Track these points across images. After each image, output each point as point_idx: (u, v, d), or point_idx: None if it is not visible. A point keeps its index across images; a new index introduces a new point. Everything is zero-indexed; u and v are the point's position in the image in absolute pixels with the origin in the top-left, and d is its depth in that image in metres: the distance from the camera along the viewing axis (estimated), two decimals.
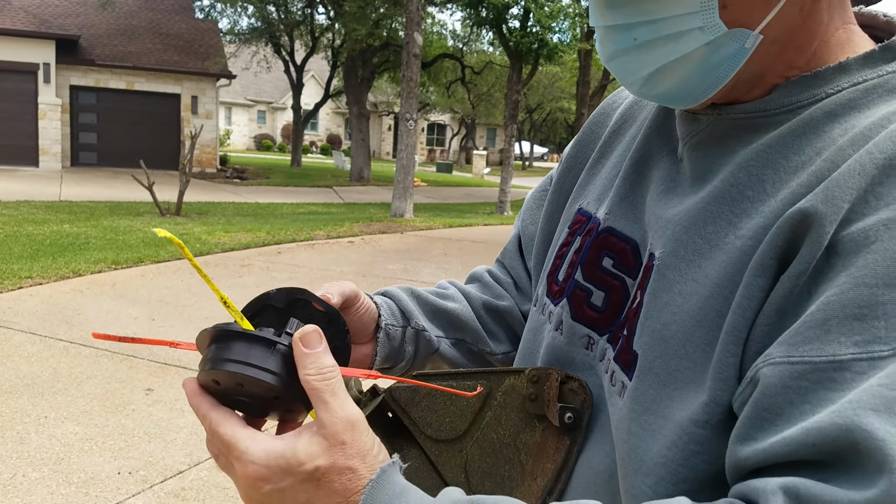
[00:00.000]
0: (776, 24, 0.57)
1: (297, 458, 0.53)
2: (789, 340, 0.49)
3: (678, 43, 0.58)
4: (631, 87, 0.64)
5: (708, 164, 0.62)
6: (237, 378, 0.54)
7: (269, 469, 0.53)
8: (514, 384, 0.73)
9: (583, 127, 0.88)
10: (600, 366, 0.68)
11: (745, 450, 0.49)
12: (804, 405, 0.46)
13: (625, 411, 0.60)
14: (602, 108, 0.87)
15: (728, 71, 0.59)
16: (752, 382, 0.50)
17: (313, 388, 0.54)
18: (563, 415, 0.68)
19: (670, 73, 0.60)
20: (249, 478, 0.54)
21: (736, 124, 0.62)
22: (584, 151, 0.85)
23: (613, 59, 0.62)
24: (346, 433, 0.53)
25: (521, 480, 0.71)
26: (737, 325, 0.52)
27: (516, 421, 0.72)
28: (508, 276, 0.98)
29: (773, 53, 0.59)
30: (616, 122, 0.82)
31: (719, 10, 0.56)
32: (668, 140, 0.69)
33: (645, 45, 0.59)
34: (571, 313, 0.72)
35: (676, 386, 0.56)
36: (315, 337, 0.56)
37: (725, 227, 0.57)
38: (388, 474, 0.54)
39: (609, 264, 0.69)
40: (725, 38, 0.57)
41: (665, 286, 0.60)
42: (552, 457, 0.69)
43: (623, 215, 0.70)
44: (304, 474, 0.53)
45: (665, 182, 0.66)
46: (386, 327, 0.83)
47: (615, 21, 0.60)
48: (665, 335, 0.58)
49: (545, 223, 0.88)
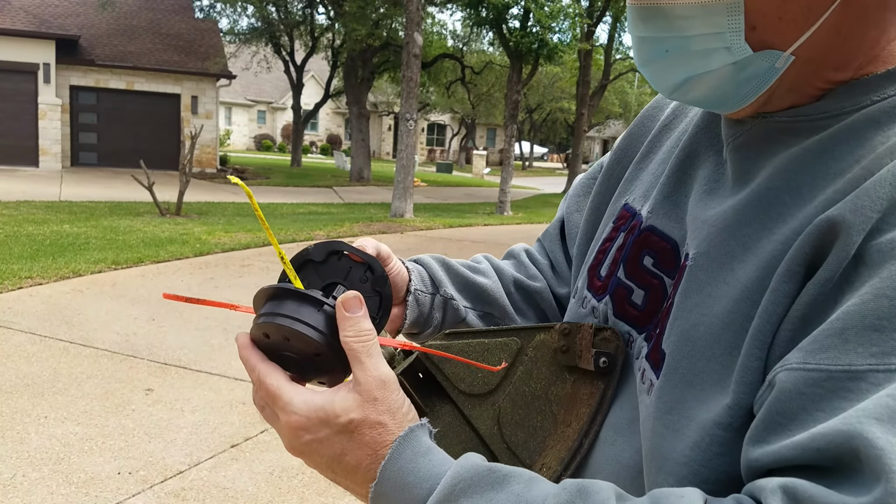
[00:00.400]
0: (810, 45, 0.56)
1: (334, 410, 0.58)
2: (807, 347, 0.49)
3: (706, 59, 0.58)
4: (663, 92, 0.65)
5: (748, 167, 0.62)
6: (284, 331, 0.59)
7: (309, 420, 0.58)
8: (544, 339, 0.75)
9: (635, 119, 0.88)
10: (636, 364, 0.69)
11: (756, 451, 0.50)
12: (817, 412, 0.47)
13: (650, 409, 0.61)
14: (655, 101, 0.87)
15: (759, 87, 0.59)
16: (769, 386, 0.51)
17: (351, 349, 0.59)
18: (598, 359, 0.71)
19: (699, 84, 0.61)
20: (292, 427, 0.59)
21: (779, 127, 0.61)
22: (634, 144, 0.85)
23: (646, 67, 0.63)
24: (378, 391, 0.58)
25: (553, 429, 0.73)
26: (762, 330, 0.53)
27: (547, 374, 0.74)
28: (546, 257, 0.99)
29: (809, 72, 0.58)
30: (667, 116, 0.82)
31: (747, 32, 0.56)
32: (714, 140, 0.69)
33: (675, 58, 0.60)
34: (614, 310, 0.73)
35: (701, 387, 0.57)
36: (356, 302, 0.60)
37: (760, 230, 0.57)
38: (415, 433, 0.58)
39: (650, 263, 0.70)
40: (753, 58, 0.57)
41: (696, 287, 0.60)
42: (586, 402, 0.72)
43: (665, 214, 0.70)
44: (339, 426, 0.58)
45: (708, 183, 0.67)
46: (415, 293, 0.85)
47: (648, 33, 0.60)
48: (693, 336, 0.58)
49: (590, 214, 0.87)
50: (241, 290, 6.87)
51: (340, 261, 0.70)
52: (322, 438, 0.58)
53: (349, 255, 0.70)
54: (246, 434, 3.72)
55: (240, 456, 3.48)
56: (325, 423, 0.58)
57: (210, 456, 3.46)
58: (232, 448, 3.56)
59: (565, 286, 0.95)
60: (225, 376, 4.53)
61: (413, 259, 0.90)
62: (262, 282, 7.21)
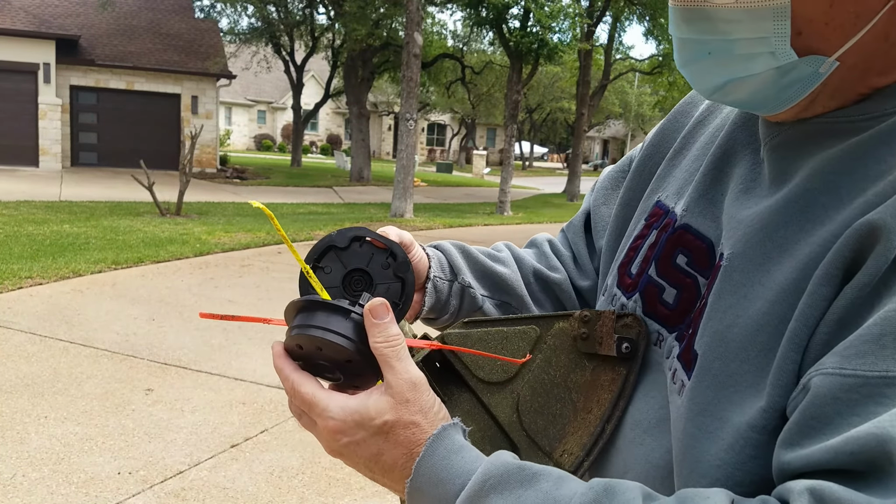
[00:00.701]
0: (855, 51, 0.56)
1: (369, 413, 0.60)
2: (843, 352, 0.48)
3: (749, 63, 0.58)
4: (703, 93, 0.64)
5: (785, 167, 0.62)
6: (317, 342, 0.61)
7: (345, 423, 0.60)
8: (563, 327, 0.75)
9: (668, 115, 0.87)
10: (666, 363, 0.68)
11: (788, 455, 0.50)
12: (852, 417, 0.47)
13: (682, 410, 0.61)
14: (689, 98, 0.86)
15: (801, 91, 0.58)
16: (804, 390, 0.51)
17: (381, 354, 0.61)
18: (620, 345, 0.71)
19: (741, 87, 0.60)
20: (329, 431, 0.61)
21: (817, 129, 0.61)
22: (667, 140, 0.84)
23: (687, 67, 0.63)
24: (410, 392, 0.60)
25: (573, 416, 0.73)
26: (798, 333, 0.52)
27: (566, 362, 0.75)
28: (569, 248, 0.98)
29: (854, 77, 0.58)
30: (702, 113, 0.81)
31: (793, 37, 0.55)
32: (752, 138, 0.69)
33: (717, 60, 0.59)
34: (644, 308, 0.73)
35: (735, 389, 0.56)
36: (383, 309, 0.62)
37: (797, 232, 0.57)
38: (448, 431, 0.60)
39: (683, 262, 0.69)
40: (797, 63, 0.56)
41: (731, 288, 0.59)
42: (608, 388, 0.72)
43: (701, 213, 0.69)
44: (375, 428, 0.60)
45: (745, 182, 0.66)
46: (434, 279, 0.85)
47: (690, 35, 0.60)
48: (727, 337, 0.58)
49: (620, 209, 0.86)
50: (241, 290, 6.87)
51: (363, 247, 0.71)
52: (359, 440, 0.61)
53: (372, 242, 0.71)
54: (246, 434, 3.72)
55: (240, 456, 3.48)
56: (360, 425, 0.60)
57: (210, 456, 3.46)
58: (232, 448, 3.56)
59: (586, 279, 0.95)
60: (225, 376, 4.53)
61: (433, 245, 0.90)
62: (261, 282, 7.21)
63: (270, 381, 4.44)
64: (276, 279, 7.39)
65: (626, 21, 23.64)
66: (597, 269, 0.94)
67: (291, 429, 3.82)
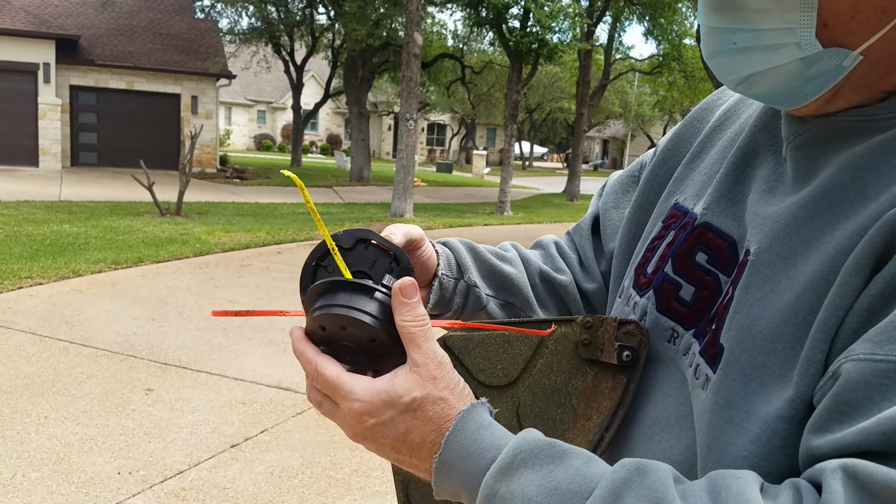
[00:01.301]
0: (880, 45, 0.56)
1: (397, 391, 0.60)
2: (874, 338, 0.49)
3: (774, 54, 0.59)
4: (728, 84, 0.65)
5: (810, 165, 0.62)
6: (342, 320, 0.61)
7: (373, 404, 0.60)
8: (565, 332, 0.74)
9: (683, 120, 0.88)
10: (683, 360, 0.68)
11: (818, 440, 0.50)
12: (884, 402, 0.47)
13: (707, 404, 0.61)
14: (705, 103, 0.87)
15: (825, 84, 0.59)
16: (833, 377, 0.51)
17: (409, 333, 0.61)
18: (621, 352, 0.70)
19: (765, 79, 0.61)
20: (355, 413, 0.60)
21: (841, 127, 0.61)
22: (683, 145, 0.85)
23: (713, 58, 0.63)
24: (437, 370, 0.60)
25: (572, 423, 0.73)
26: (827, 323, 0.53)
27: (567, 367, 0.74)
28: (575, 251, 0.98)
29: (877, 73, 0.58)
30: (718, 118, 0.82)
31: (818, 29, 0.56)
32: (773, 140, 0.69)
33: (743, 51, 0.60)
34: (657, 305, 0.73)
35: (762, 381, 0.57)
36: (413, 289, 0.62)
37: (823, 226, 0.57)
38: (477, 408, 0.61)
39: (703, 259, 0.69)
40: (822, 55, 0.57)
41: (758, 282, 0.60)
42: (608, 395, 0.71)
43: (723, 212, 0.70)
44: (404, 405, 0.60)
45: (768, 182, 0.67)
46: (441, 277, 0.85)
47: (718, 24, 0.61)
48: (754, 330, 0.58)
49: (634, 213, 0.87)
50: (241, 289, 6.88)
51: (367, 249, 0.71)
52: (386, 420, 0.60)
53: (377, 244, 0.71)
54: (246, 434, 3.72)
55: (240, 456, 3.48)
56: (388, 405, 0.60)
57: (210, 456, 3.46)
58: (232, 448, 3.56)
59: (592, 282, 0.95)
60: (225, 376, 4.53)
61: (442, 242, 0.90)
62: (262, 282, 7.21)
63: (270, 381, 4.44)
64: (276, 279, 7.39)
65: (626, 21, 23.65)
66: (603, 273, 0.94)
67: (291, 429, 3.82)
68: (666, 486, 0.50)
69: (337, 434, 3.70)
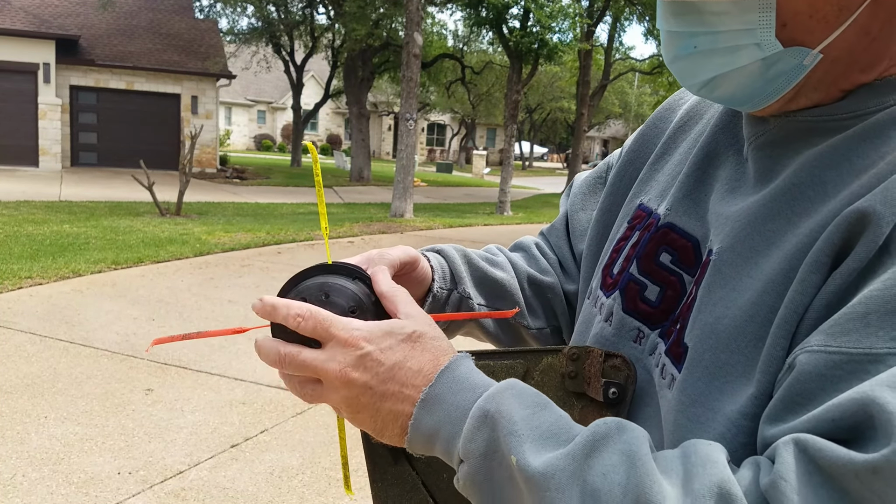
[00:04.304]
0: (838, 44, 0.57)
1: (399, 323, 0.62)
2: (828, 330, 0.49)
3: (735, 56, 0.59)
4: (690, 88, 0.66)
5: (772, 165, 0.63)
6: (325, 288, 0.64)
7: (372, 333, 0.61)
8: (551, 363, 0.73)
9: (646, 121, 0.89)
10: (650, 360, 0.69)
11: (772, 429, 0.50)
12: (836, 393, 0.47)
13: (673, 403, 0.61)
14: (667, 103, 0.88)
15: (786, 84, 0.60)
16: (789, 368, 0.51)
17: (394, 295, 0.65)
18: (607, 390, 0.69)
19: (727, 81, 0.61)
20: (352, 341, 0.60)
21: (802, 127, 0.62)
22: (647, 146, 0.85)
23: (675, 63, 0.64)
24: (429, 320, 0.64)
25: None
26: (787, 320, 0.53)
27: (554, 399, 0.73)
28: (553, 253, 0.99)
29: (836, 72, 0.59)
30: (681, 118, 0.82)
31: (777, 28, 0.57)
32: (734, 140, 0.70)
33: (704, 54, 0.61)
34: (623, 306, 0.73)
35: (726, 379, 0.57)
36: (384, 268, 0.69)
37: (784, 224, 0.58)
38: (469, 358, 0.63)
39: (667, 260, 0.70)
40: (782, 54, 0.58)
41: (721, 281, 0.61)
42: None
43: (685, 212, 0.71)
44: (405, 335, 0.61)
45: (730, 182, 0.67)
46: (436, 291, 0.86)
47: (678, 28, 0.61)
48: (717, 329, 0.59)
49: (601, 215, 0.87)
50: (241, 290, 6.87)
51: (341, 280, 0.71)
52: (385, 347, 0.60)
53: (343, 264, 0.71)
54: (246, 434, 3.72)
55: (240, 456, 3.48)
56: (389, 334, 0.61)
57: (210, 456, 3.46)
58: (232, 448, 3.56)
59: (572, 283, 0.95)
60: (225, 376, 4.53)
61: (435, 249, 0.90)
62: (262, 282, 7.21)
63: (270, 381, 4.44)
64: (275, 279, 7.38)
65: (626, 21, 23.67)
66: None
67: (291, 429, 3.82)
68: (641, 443, 0.51)
69: (337, 434, 3.70)
